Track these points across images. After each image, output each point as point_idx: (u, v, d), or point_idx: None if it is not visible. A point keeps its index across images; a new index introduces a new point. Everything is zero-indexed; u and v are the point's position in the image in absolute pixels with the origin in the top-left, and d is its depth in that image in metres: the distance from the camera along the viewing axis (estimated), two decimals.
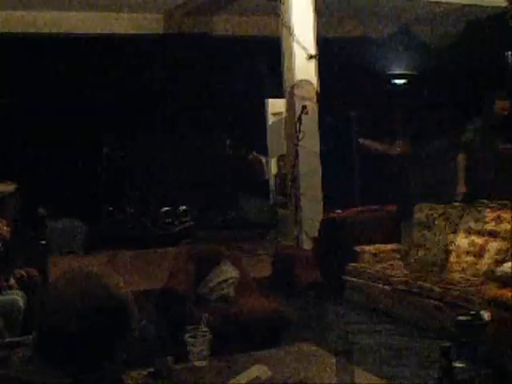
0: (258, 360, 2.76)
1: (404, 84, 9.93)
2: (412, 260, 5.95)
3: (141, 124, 9.83)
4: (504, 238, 5.11)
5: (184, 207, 9.76)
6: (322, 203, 7.36)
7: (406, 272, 5.71)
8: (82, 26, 9.08)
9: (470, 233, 5.47)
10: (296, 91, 7.20)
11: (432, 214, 5.97)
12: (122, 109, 9.63)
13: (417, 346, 4.72)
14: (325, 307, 5.13)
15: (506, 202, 5.32)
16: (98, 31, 9.14)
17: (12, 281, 4.46)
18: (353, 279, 6.12)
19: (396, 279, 5.56)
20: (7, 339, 3.76)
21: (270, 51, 8.08)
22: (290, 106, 7.35)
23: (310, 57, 7.18)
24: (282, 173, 9.31)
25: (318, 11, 7.32)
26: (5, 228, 4.64)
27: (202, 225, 9.47)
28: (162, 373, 2.62)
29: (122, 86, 9.55)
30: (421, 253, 5.90)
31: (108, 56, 9.34)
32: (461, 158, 6.31)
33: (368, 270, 5.98)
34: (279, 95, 8.08)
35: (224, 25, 9.73)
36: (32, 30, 8.75)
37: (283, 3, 7.32)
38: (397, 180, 7.21)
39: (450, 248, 5.61)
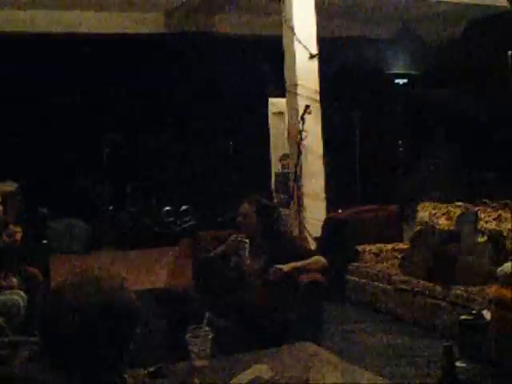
0: (259, 359, 2.75)
1: None
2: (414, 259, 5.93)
3: (143, 123, 9.82)
4: (505, 238, 5.11)
5: (185, 207, 9.75)
6: (325, 203, 7.33)
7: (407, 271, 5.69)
8: (82, 25, 9.08)
9: (471, 232, 5.46)
10: (298, 90, 7.18)
11: (435, 214, 5.96)
12: (124, 108, 9.62)
13: (419, 345, 4.72)
14: (326, 307, 5.13)
15: (507, 201, 5.33)
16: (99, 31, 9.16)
17: (13, 280, 4.46)
18: (355, 279, 6.12)
19: (398, 278, 5.56)
20: (9, 338, 3.76)
21: (271, 50, 8.06)
22: (292, 106, 7.33)
23: (312, 56, 7.17)
24: (284, 172, 9.29)
25: (319, 11, 7.30)
26: (18, 233, 4.67)
27: (204, 224, 9.46)
28: (163, 372, 2.62)
29: (123, 85, 9.54)
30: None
31: (108, 55, 9.33)
32: None
33: (370, 270, 5.97)
34: (281, 95, 8.06)
35: (226, 23, 9.73)
36: (30, 30, 8.76)
37: (284, 2, 7.30)
38: None
39: (451, 247, 5.59)
